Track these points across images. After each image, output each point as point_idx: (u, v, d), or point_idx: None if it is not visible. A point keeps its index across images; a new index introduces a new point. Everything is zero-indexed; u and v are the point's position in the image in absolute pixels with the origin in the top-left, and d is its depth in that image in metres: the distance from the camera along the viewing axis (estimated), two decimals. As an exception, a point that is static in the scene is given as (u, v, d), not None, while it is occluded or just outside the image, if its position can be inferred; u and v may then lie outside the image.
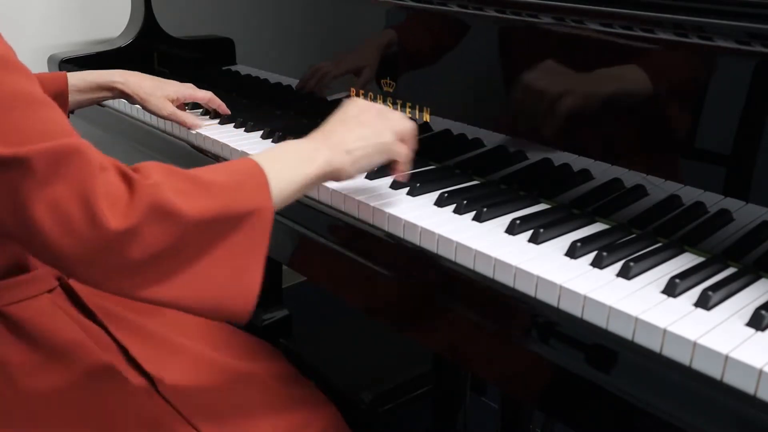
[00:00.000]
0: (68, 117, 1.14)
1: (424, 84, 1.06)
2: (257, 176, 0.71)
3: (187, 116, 1.21)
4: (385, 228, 0.86)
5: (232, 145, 1.13)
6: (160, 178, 0.64)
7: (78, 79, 1.13)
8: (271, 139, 1.16)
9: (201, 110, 1.33)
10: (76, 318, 0.83)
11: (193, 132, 1.21)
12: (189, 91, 1.22)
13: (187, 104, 1.31)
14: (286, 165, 0.75)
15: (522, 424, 1.25)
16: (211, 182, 0.67)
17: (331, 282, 0.97)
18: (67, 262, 0.62)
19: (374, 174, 0.96)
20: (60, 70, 1.57)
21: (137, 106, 1.23)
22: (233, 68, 1.44)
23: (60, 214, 0.59)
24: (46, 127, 0.61)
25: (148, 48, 1.66)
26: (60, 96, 1.09)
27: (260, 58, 1.37)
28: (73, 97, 1.12)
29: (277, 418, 0.89)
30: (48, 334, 0.79)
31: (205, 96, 1.24)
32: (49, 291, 0.81)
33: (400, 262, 0.85)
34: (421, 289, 0.82)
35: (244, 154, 1.09)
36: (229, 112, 1.26)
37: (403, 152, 0.83)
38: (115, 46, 1.63)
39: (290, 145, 0.79)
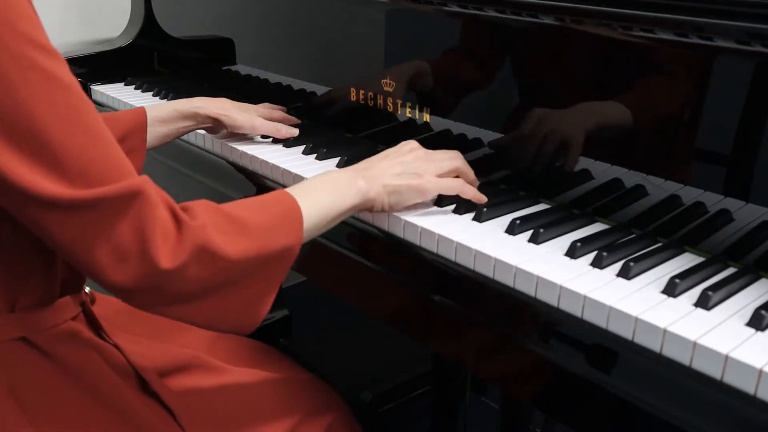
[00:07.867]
0: (145, 153, 1.06)
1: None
2: (293, 214, 0.74)
3: (280, 125, 1.13)
4: (385, 228, 0.87)
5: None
6: (205, 219, 0.67)
7: (157, 109, 1.08)
8: (282, 144, 1.15)
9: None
10: (94, 342, 0.82)
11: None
12: (267, 111, 1.16)
13: None
14: (321, 197, 0.78)
15: (522, 424, 1.25)
16: (251, 222, 0.70)
17: (320, 272, 0.97)
18: (112, 289, 0.65)
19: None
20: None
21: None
22: (233, 68, 1.44)
23: (119, 252, 0.62)
24: (111, 164, 0.63)
25: (148, 48, 1.66)
26: (138, 129, 1.04)
27: (260, 58, 1.37)
28: (156, 130, 1.06)
29: (282, 411, 0.90)
30: (69, 359, 0.78)
31: (279, 117, 1.17)
32: (73, 318, 0.80)
33: (399, 263, 0.85)
34: (419, 288, 0.82)
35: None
36: (297, 133, 1.15)
37: (451, 185, 0.85)
38: (115, 46, 1.63)
39: (328, 176, 0.82)
